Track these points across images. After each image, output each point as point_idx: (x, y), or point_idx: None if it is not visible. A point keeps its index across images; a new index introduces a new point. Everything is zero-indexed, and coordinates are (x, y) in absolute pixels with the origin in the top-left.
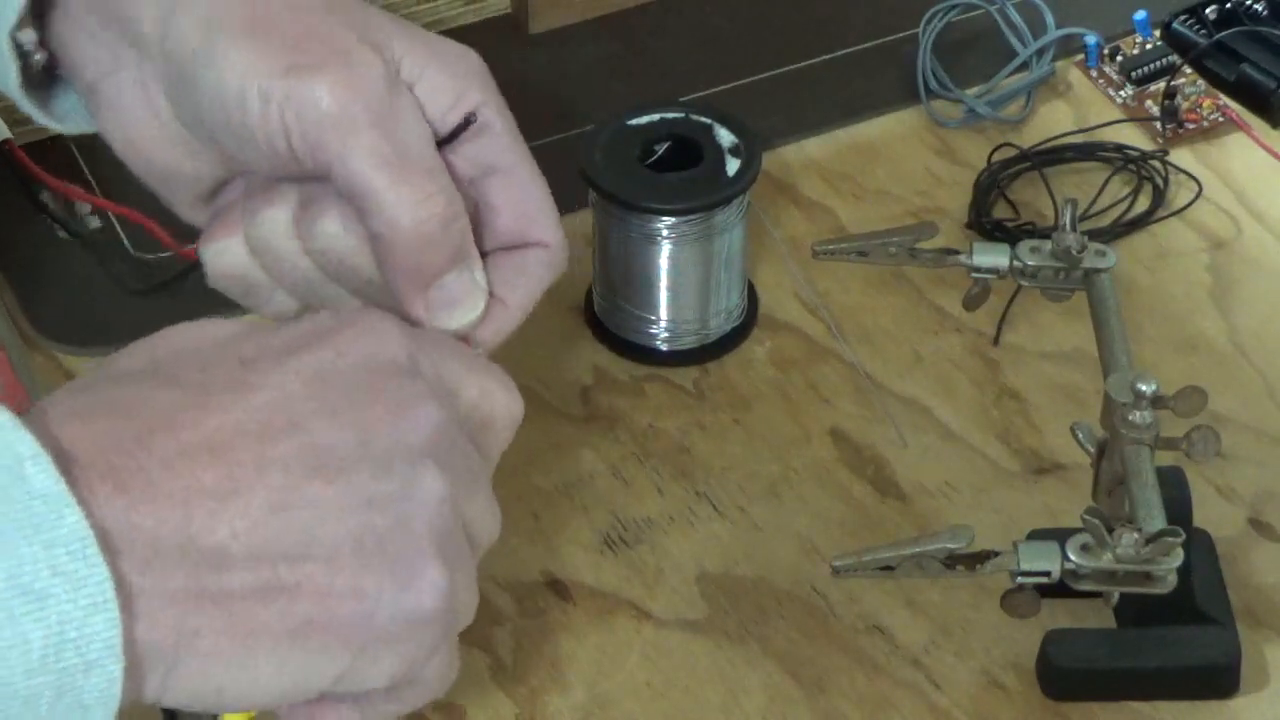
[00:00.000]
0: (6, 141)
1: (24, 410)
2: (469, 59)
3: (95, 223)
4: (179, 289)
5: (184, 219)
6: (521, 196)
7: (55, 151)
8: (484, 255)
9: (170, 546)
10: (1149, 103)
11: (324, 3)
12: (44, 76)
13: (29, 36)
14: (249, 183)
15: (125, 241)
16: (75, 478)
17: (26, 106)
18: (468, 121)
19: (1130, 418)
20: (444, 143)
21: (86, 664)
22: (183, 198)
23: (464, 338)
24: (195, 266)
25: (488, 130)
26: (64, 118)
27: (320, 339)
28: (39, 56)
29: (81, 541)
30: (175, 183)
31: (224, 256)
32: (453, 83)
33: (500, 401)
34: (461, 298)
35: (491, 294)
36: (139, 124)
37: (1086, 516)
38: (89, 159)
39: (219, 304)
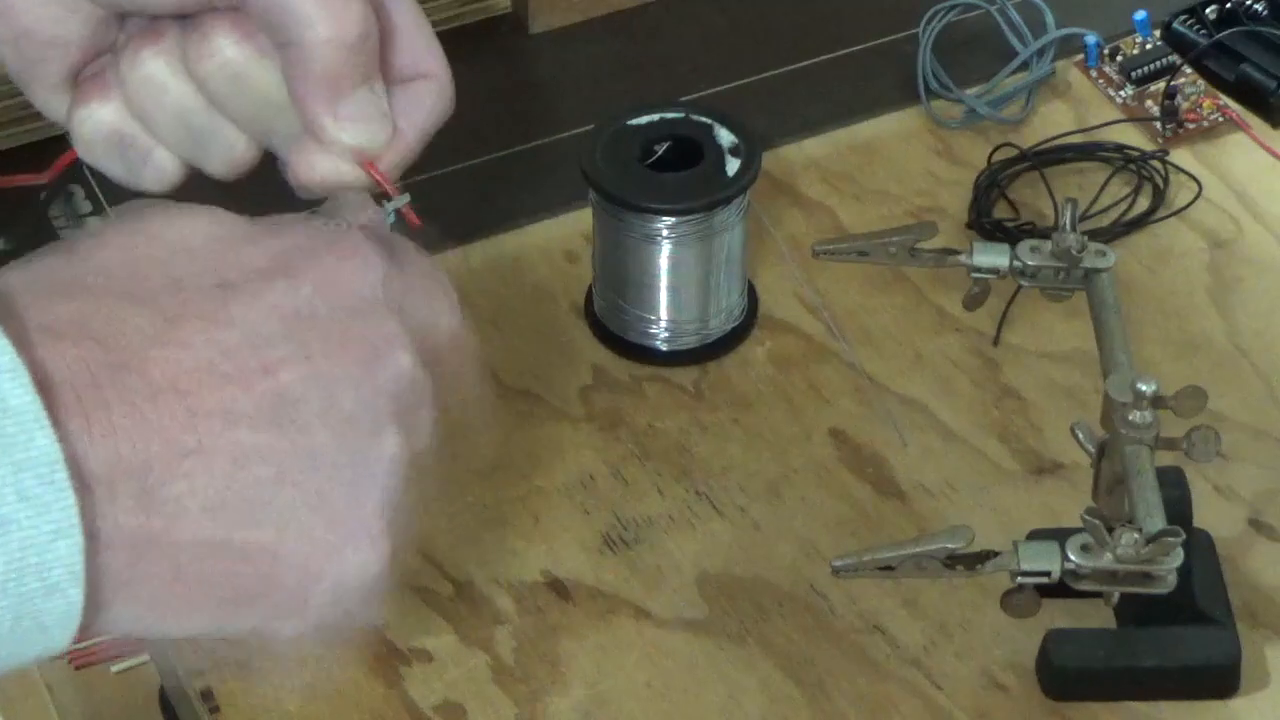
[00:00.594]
0: None
1: None
2: None
3: (95, 223)
4: None
5: (43, 109)
6: (413, 27)
7: (55, 152)
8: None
9: (129, 488)
10: (1149, 103)
11: None
12: None
13: None
14: (126, 33)
15: None
16: (47, 400)
17: None
18: None
19: (1130, 418)
20: None
21: (47, 588)
22: (47, 76)
23: (368, 164)
24: None
25: None
26: None
27: (303, 264)
28: None
29: (51, 466)
30: (43, 53)
31: (96, 117)
32: None
33: (444, 324)
34: (373, 114)
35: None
36: None
37: (1086, 516)
38: None
39: None
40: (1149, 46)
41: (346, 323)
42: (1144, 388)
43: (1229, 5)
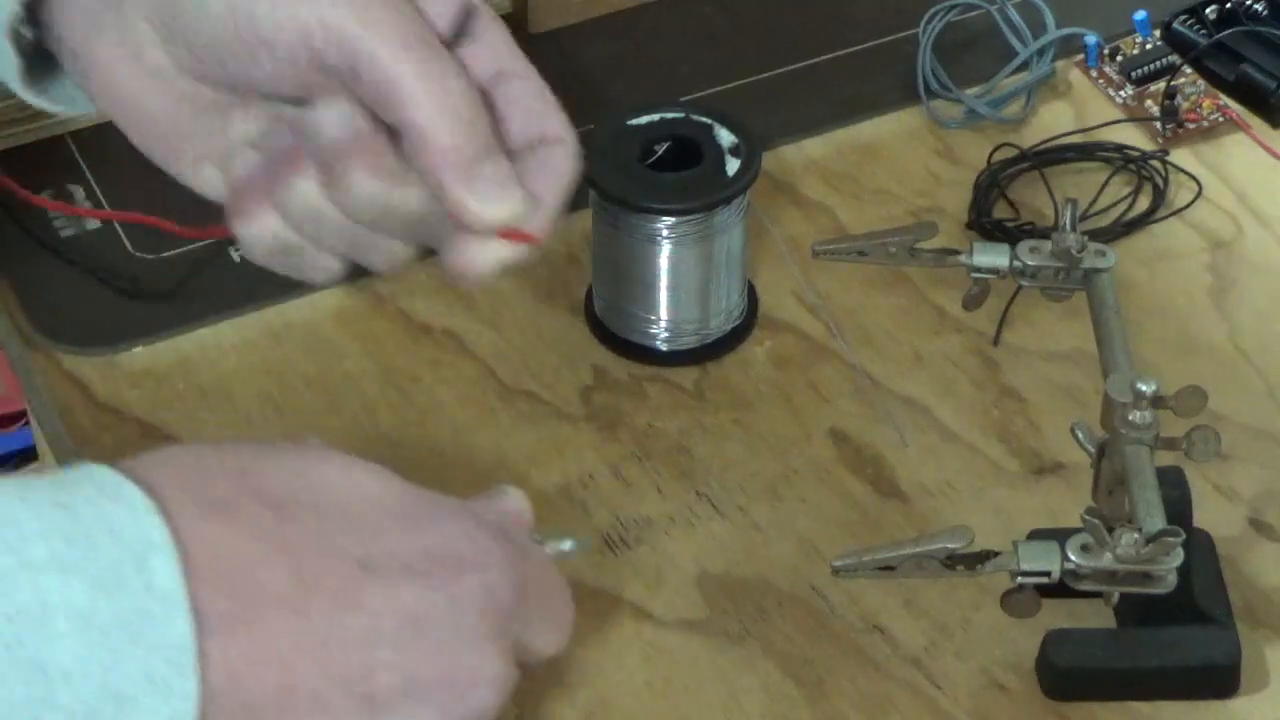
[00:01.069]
0: None
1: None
2: None
3: (95, 223)
4: (179, 289)
5: (191, 186)
6: (532, 95)
7: (55, 152)
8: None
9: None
10: (1149, 103)
11: None
12: (41, 64)
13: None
14: (264, 153)
15: (125, 241)
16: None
17: (29, 97)
18: (467, 13)
19: (1130, 418)
20: (449, 44)
21: None
22: (186, 159)
23: (514, 234)
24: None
25: (489, 32)
26: (65, 101)
27: (443, 571)
28: (25, 32)
29: (182, 651)
30: (175, 140)
31: (257, 230)
32: None
33: (550, 645)
34: (505, 184)
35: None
36: (128, 80)
37: (1086, 516)
38: (88, 159)
39: (221, 303)
40: (1149, 46)
41: (456, 648)
42: (1144, 388)
43: (1229, 5)
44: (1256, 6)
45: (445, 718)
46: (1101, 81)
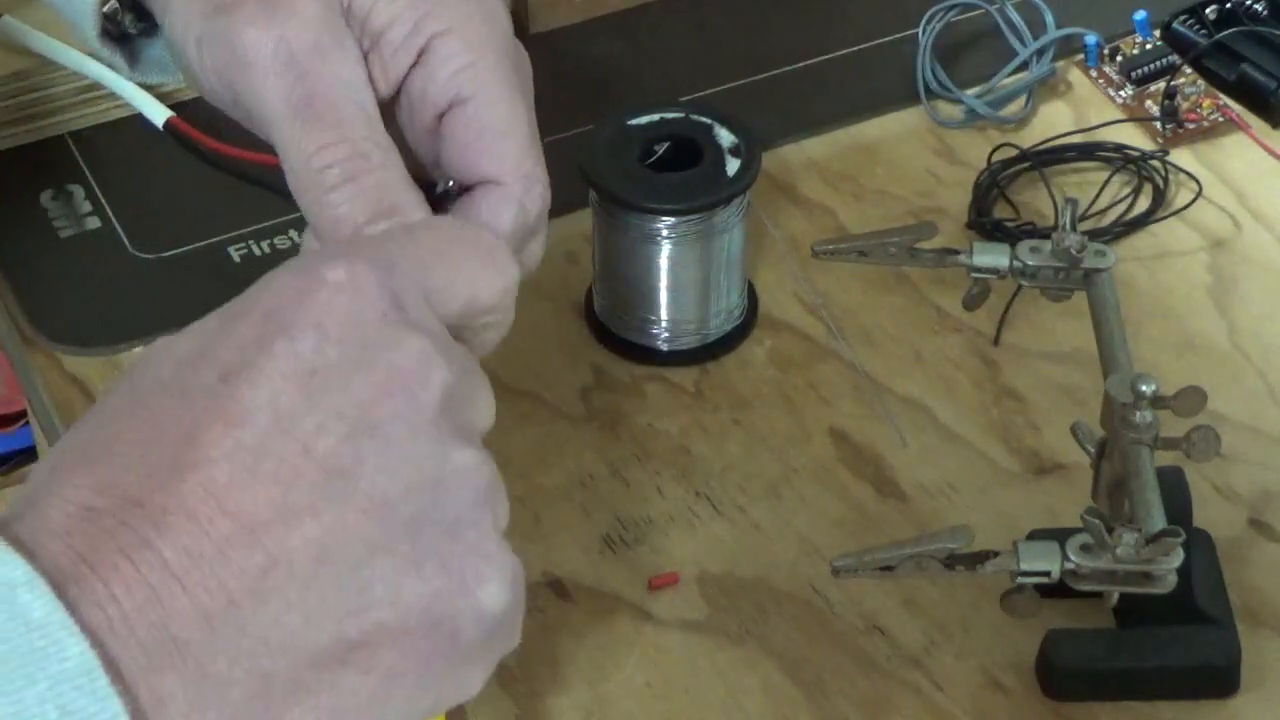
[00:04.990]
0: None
1: (18, 400)
2: None
3: (95, 223)
4: (180, 287)
5: None
6: (472, 127)
7: (55, 152)
8: (464, 191)
9: (216, 635)
10: (1149, 103)
11: None
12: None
13: None
14: None
15: (125, 241)
16: (78, 595)
17: (107, 56)
18: (430, 39)
19: (1130, 418)
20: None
21: None
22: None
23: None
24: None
25: (444, 61)
26: (150, 66)
27: (294, 315)
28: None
29: (89, 675)
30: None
31: None
32: (410, 10)
33: (483, 288)
34: (354, 184)
35: None
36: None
37: (1086, 516)
38: (88, 159)
39: (222, 303)
40: (1149, 46)
41: (364, 361)
42: (1144, 388)
43: (1229, 5)
44: (1256, 6)
45: (416, 420)
46: (1101, 81)
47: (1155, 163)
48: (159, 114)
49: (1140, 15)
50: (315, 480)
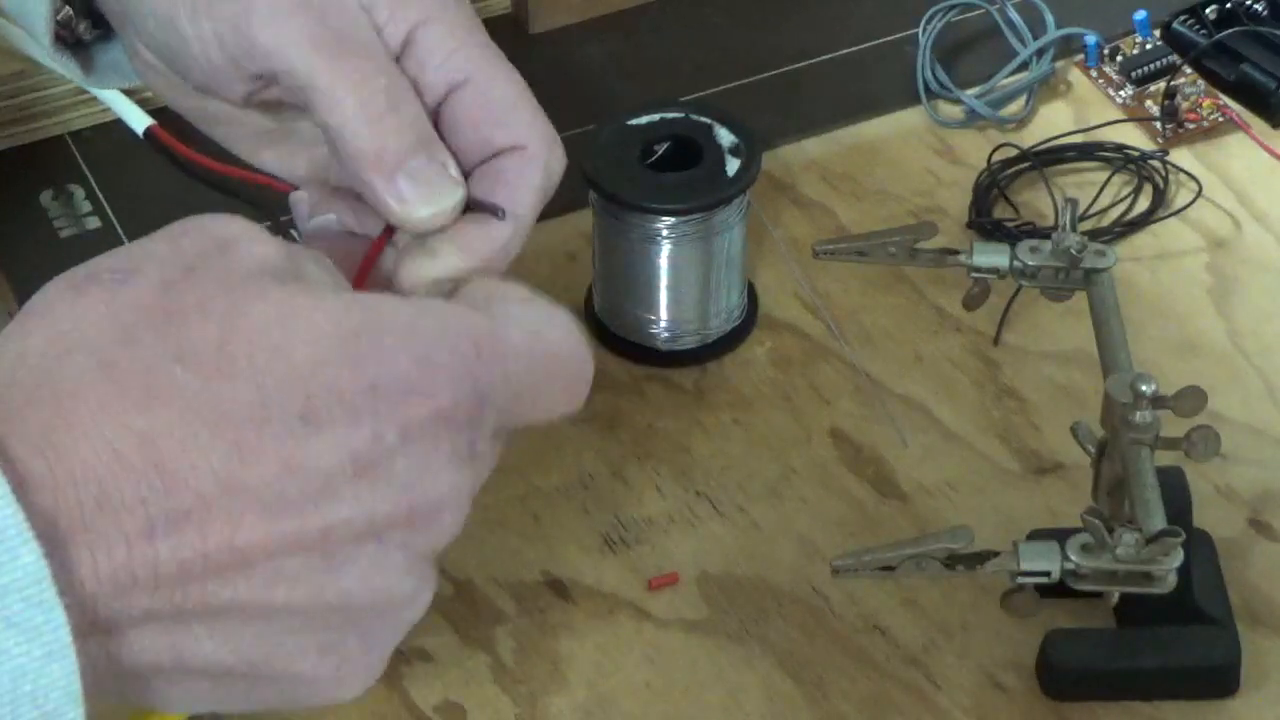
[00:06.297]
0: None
1: None
2: None
3: (95, 223)
4: None
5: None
6: (480, 103)
7: (55, 152)
8: (466, 176)
9: (151, 609)
10: (1149, 103)
11: None
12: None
13: None
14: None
15: (125, 241)
16: (34, 503)
17: (61, 63)
18: (418, 25)
19: (1130, 418)
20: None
21: (45, 715)
22: (232, 142)
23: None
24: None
25: (433, 49)
26: (105, 73)
27: (392, 408)
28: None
29: (38, 585)
30: (213, 125)
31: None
32: (386, 4)
33: (560, 409)
34: (434, 182)
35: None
36: (143, 73)
37: (1086, 516)
38: (88, 159)
39: None
40: (1149, 46)
41: (414, 481)
42: (1144, 388)
43: (1229, 5)
44: (1256, 6)
45: (413, 551)
46: (1101, 81)
47: (1155, 163)
48: (139, 121)
49: (1140, 15)
50: (311, 554)
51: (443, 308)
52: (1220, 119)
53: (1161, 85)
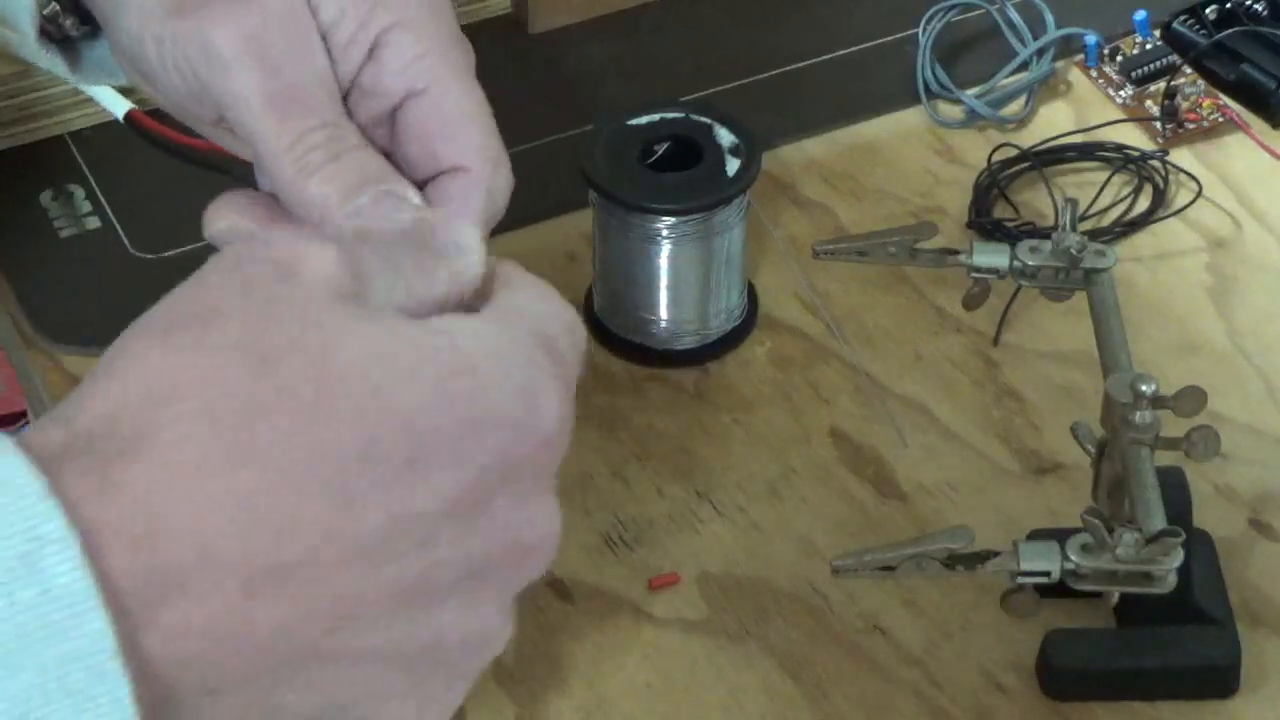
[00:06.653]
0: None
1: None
2: None
3: (95, 223)
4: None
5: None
6: (431, 116)
7: (55, 152)
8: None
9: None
10: (1149, 103)
11: None
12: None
13: None
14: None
15: (125, 241)
16: (112, 566)
17: (47, 59)
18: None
19: (1130, 418)
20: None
21: None
22: (219, 140)
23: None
24: (199, 264)
25: (395, 54)
26: (93, 69)
27: (515, 452)
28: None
29: (102, 654)
30: (198, 125)
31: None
32: (357, 5)
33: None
34: (388, 216)
35: None
36: (130, 74)
37: (1086, 516)
38: (88, 159)
39: None
40: (1149, 46)
41: (515, 517)
42: (1144, 388)
43: (1229, 5)
44: (1256, 6)
45: (507, 589)
46: (1101, 81)
47: (1155, 163)
48: (119, 106)
49: (1140, 15)
50: (406, 596)
51: (510, 321)
52: (1220, 119)
53: (1161, 85)
